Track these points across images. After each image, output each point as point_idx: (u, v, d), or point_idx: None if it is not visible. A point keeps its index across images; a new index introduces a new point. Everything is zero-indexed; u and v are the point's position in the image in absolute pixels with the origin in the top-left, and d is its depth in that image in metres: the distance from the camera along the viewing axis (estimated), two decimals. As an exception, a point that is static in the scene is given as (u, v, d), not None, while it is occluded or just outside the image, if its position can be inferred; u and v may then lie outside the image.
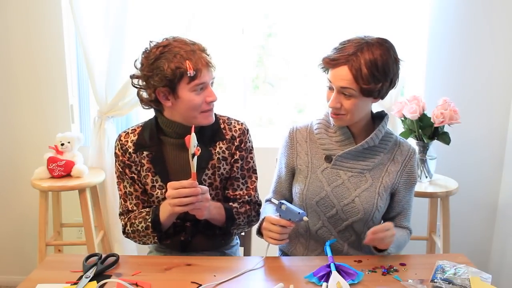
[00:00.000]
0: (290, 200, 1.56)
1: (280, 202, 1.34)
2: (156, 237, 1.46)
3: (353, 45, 1.35)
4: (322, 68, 1.43)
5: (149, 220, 1.43)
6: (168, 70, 1.35)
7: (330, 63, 1.38)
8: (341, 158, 1.46)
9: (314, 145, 1.52)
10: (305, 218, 1.29)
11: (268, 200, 1.62)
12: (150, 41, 1.43)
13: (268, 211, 1.51)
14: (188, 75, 1.35)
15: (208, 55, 1.41)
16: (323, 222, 1.49)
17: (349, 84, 1.35)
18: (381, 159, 1.48)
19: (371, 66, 1.33)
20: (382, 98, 1.43)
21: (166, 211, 1.39)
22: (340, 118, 1.42)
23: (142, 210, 1.50)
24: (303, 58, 2.54)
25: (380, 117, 1.51)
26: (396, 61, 1.39)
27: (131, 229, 1.49)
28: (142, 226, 1.45)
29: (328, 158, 1.48)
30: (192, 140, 1.27)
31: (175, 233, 1.51)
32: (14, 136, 2.54)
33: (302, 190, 1.49)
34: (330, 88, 1.42)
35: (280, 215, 1.34)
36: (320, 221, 1.49)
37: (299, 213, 1.29)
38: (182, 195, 1.29)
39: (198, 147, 1.28)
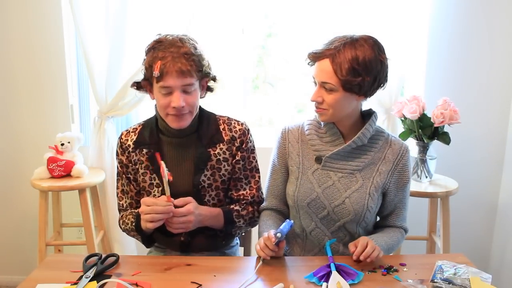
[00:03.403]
0: (285, 200, 1.55)
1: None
2: (141, 239, 1.49)
3: (338, 41, 1.36)
4: (309, 63, 1.43)
5: (134, 224, 1.46)
6: (146, 65, 1.41)
7: (314, 57, 1.40)
8: (331, 159, 1.45)
9: (305, 146, 1.51)
10: (278, 235, 1.30)
11: (266, 209, 1.58)
12: (158, 34, 1.45)
13: (265, 226, 1.49)
14: (154, 75, 1.37)
15: (189, 63, 1.35)
16: (316, 223, 1.49)
17: (329, 77, 1.35)
18: (371, 158, 1.46)
19: (352, 60, 1.33)
20: (366, 95, 1.40)
21: (143, 224, 1.40)
22: (323, 112, 1.42)
23: (133, 210, 1.52)
24: (303, 58, 2.53)
25: (370, 115, 1.48)
26: (381, 58, 1.36)
27: (123, 226, 1.54)
28: (130, 227, 1.50)
29: (318, 159, 1.47)
30: (164, 169, 1.31)
31: (175, 233, 1.51)
32: (14, 136, 2.54)
33: (294, 191, 1.48)
34: (315, 84, 1.42)
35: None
36: (313, 222, 1.49)
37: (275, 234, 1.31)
38: (154, 212, 1.33)
39: (170, 173, 1.32)
